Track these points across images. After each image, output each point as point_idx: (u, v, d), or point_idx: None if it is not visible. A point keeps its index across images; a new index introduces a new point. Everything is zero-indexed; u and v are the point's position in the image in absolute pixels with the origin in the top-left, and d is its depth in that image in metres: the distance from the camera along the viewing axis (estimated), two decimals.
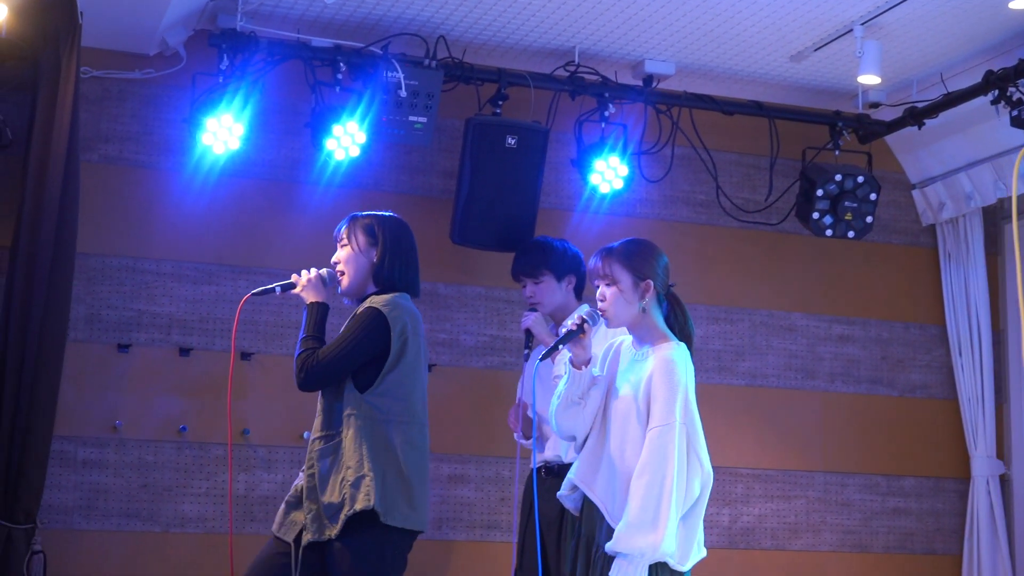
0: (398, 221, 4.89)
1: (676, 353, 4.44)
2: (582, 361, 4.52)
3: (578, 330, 4.50)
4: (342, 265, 4.82)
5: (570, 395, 4.54)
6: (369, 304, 4.68)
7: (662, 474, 4.25)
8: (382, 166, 7.09)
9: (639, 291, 4.50)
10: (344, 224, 4.87)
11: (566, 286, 5.90)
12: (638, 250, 4.56)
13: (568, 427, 4.56)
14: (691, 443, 4.36)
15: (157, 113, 6.77)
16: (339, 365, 4.61)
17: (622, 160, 6.98)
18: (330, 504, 4.57)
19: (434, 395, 6.62)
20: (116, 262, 6.69)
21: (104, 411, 6.58)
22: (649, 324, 4.53)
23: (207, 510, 6.69)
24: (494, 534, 7.08)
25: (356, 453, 4.58)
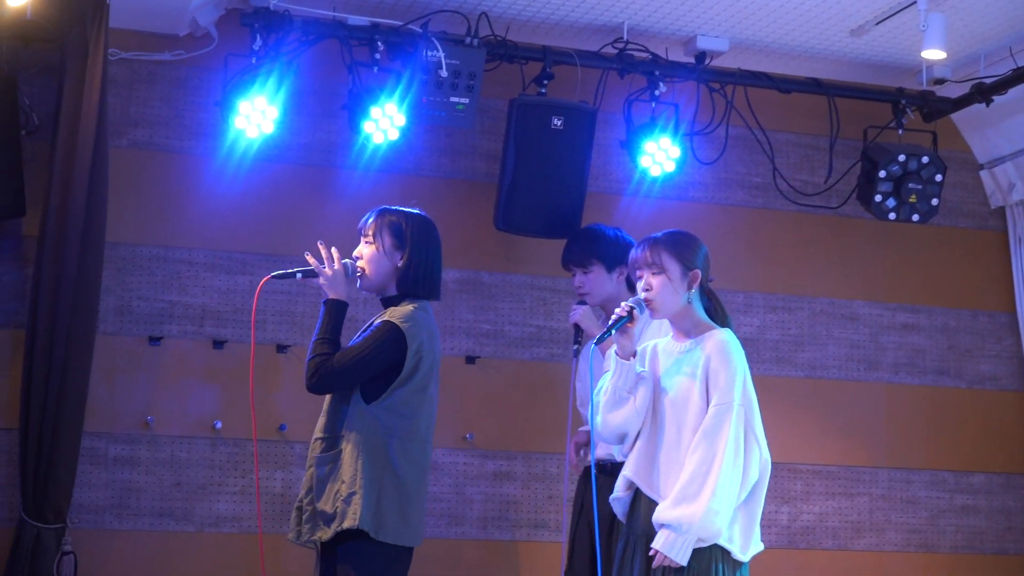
0: (426, 221, 4.93)
1: (729, 336, 4.52)
2: (628, 352, 4.57)
3: (628, 316, 4.54)
4: (364, 263, 4.86)
5: (619, 389, 4.57)
6: (389, 318, 4.73)
7: (713, 451, 4.33)
8: (422, 149, 7.10)
9: (687, 281, 4.58)
10: (371, 218, 4.89)
11: (617, 277, 5.89)
12: (685, 240, 4.65)
13: (618, 424, 4.59)
14: (749, 425, 4.42)
15: (188, 96, 6.79)
16: (351, 375, 4.69)
17: (674, 141, 6.96)
18: (323, 512, 4.68)
19: (477, 388, 7.01)
20: (147, 251, 6.71)
21: (135, 406, 6.60)
22: (693, 316, 4.60)
23: (243, 509, 6.71)
24: (541, 533, 7.09)
25: (352, 467, 4.66)
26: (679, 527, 4.33)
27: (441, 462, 6.99)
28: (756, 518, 4.48)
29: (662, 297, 4.57)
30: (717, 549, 4.41)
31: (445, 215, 6.81)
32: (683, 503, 4.34)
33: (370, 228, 4.88)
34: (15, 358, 6.42)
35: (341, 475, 4.66)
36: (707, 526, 4.32)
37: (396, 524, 4.66)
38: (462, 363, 7.06)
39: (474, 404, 7.04)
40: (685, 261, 4.59)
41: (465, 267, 7.09)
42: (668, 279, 4.56)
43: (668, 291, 4.57)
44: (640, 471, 4.56)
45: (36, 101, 6.50)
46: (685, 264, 4.59)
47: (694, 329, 4.59)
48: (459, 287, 7.11)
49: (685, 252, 4.60)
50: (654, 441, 4.55)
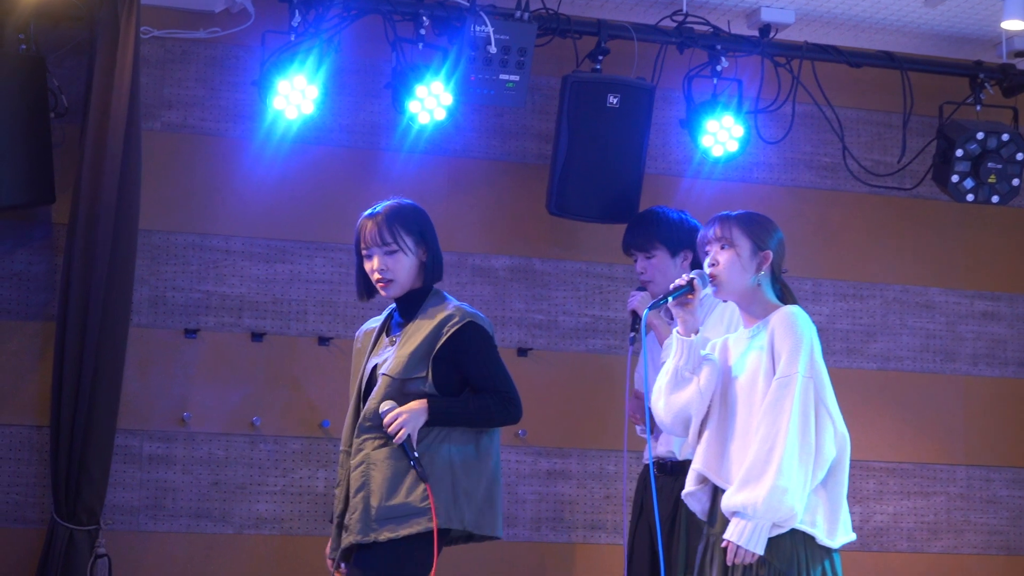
0: (423, 210, 5.00)
1: (797, 311, 4.47)
2: (691, 328, 4.55)
3: (687, 287, 4.52)
4: (393, 273, 4.87)
5: (680, 370, 4.55)
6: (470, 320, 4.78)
7: (776, 426, 4.28)
8: (471, 130, 7.09)
9: (756, 261, 4.56)
10: (378, 225, 4.89)
11: (681, 263, 5.84)
12: (761, 220, 4.65)
13: (680, 406, 4.55)
14: (819, 397, 4.37)
15: (224, 76, 6.80)
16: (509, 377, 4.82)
17: (737, 119, 6.94)
18: (403, 504, 4.65)
19: (530, 382, 6.89)
20: (181, 239, 6.72)
21: (171, 402, 6.62)
22: (762, 299, 4.58)
23: (284, 510, 6.73)
24: (598, 535, 7.08)
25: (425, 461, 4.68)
26: (745, 512, 4.28)
27: None
28: (841, 500, 4.41)
29: (728, 273, 4.55)
30: (798, 535, 4.34)
31: (495, 199, 7.11)
32: (748, 485, 4.29)
33: (386, 235, 4.87)
34: (45, 352, 6.46)
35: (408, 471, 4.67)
36: (776, 506, 4.24)
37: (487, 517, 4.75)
38: (513, 355, 7.04)
39: (526, 399, 6.49)
40: (757, 240, 4.58)
41: (516, 254, 7.10)
42: (737, 255, 4.55)
43: (736, 268, 4.55)
44: (710, 462, 4.52)
45: (65, 83, 6.51)
46: (757, 243, 4.58)
47: (762, 312, 4.56)
48: (510, 275, 7.11)
49: (758, 231, 4.60)
50: (724, 429, 4.51)
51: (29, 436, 6.47)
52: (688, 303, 4.55)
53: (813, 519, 4.35)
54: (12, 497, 6.44)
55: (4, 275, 6.51)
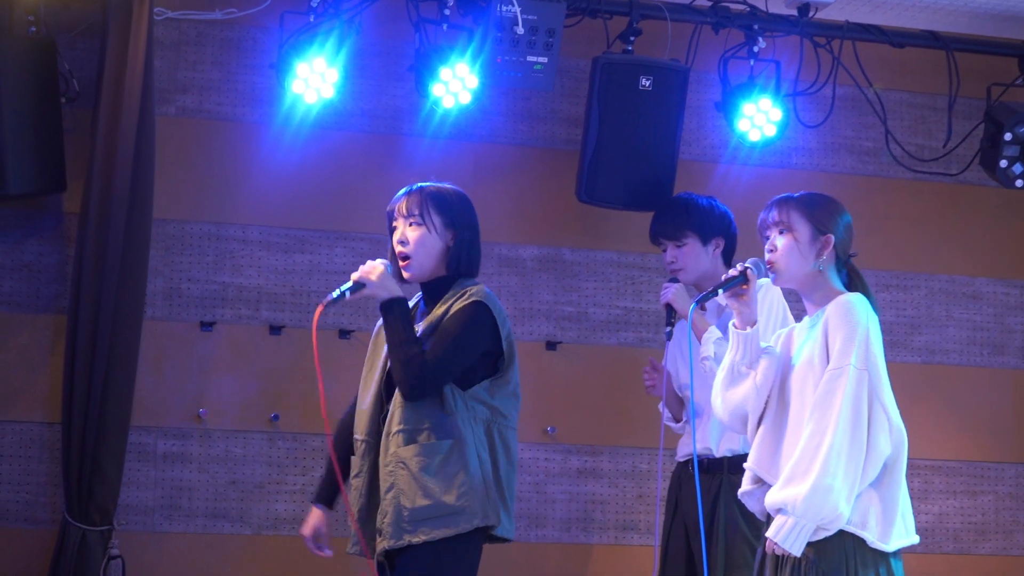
0: (463, 194, 4.92)
1: (854, 298, 4.37)
2: (747, 320, 4.46)
3: (740, 277, 4.44)
4: (411, 247, 4.80)
5: (737, 364, 4.46)
6: (474, 299, 4.70)
7: (825, 422, 4.20)
8: (497, 114, 7.08)
9: (817, 246, 4.45)
10: (412, 197, 4.85)
11: (713, 250, 5.80)
12: (822, 202, 4.54)
13: (737, 403, 4.47)
14: (874, 391, 4.27)
15: (241, 58, 6.80)
16: (452, 368, 4.66)
17: (775, 102, 6.93)
18: (438, 504, 4.60)
19: (559, 377, 7.04)
20: (197, 229, 6.73)
21: (186, 398, 6.64)
22: (824, 286, 4.47)
23: (304, 510, 6.45)
24: (631, 536, 7.07)
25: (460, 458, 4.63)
26: (786, 509, 4.21)
27: (520, 458, 6.73)
28: (897, 500, 4.30)
29: (786, 260, 4.45)
30: (848, 537, 4.25)
31: (522, 186, 7.12)
32: (792, 482, 4.21)
33: (414, 208, 4.82)
34: (56, 346, 6.47)
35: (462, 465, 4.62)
36: (819, 505, 4.15)
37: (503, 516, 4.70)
38: (541, 349, 7.06)
39: (555, 394, 7.05)
40: (817, 223, 4.47)
41: (545, 243, 7.10)
42: (795, 240, 4.45)
43: (794, 254, 4.45)
44: (762, 460, 4.43)
45: (77, 66, 6.53)
46: (817, 226, 4.46)
47: (823, 300, 4.45)
48: (538, 265, 7.10)
49: (819, 213, 4.49)
50: (779, 425, 4.43)
51: (40, 433, 6.49)
52: (743, 294, 4.46)
53: (864, 520, 4.25)
54: (22, 496, 6.46)
55: (14, 266, 6.52)
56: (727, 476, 5.53)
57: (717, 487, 5.58)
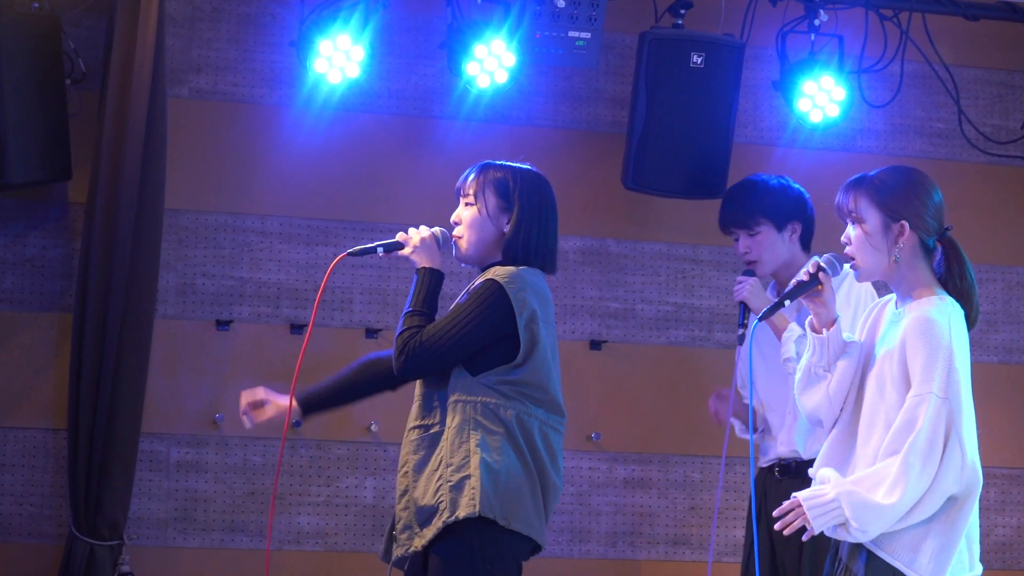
0: (537, 178, 4.82)
1: (937, 309, 4.22)
2: (825, 322, 4.34)
3: (811, 281, 4.31)
4: (463, 228, 4.75)
5: (812, 367, 4.37)
6: (490, 276, 4.62)
7: (899, 452, 4.10)
8: (536, 95, 7.08)
9: (890, 236, 4.28)
10: (472, 175, 4.79)
11: (789, 236, 5.71)
12: (897, 182, 4.32)
13: (811, 409, 4.41)
14: (953, 423, 4.15)
15: (259, 36, 6.83)
16: (449, 351, 4.55)
17: (837, 80, 6.89)
18: (422, 508, 4.54)
19: (604, 379, 7.03)
20: (212, 219, 6.74)
21: (201, 402, 6.66)
22: (909, 278, 4.31)
23: (328, 523, 6.74)
24: (682, 551, 7.06)
25: (462, 448, 4.52)
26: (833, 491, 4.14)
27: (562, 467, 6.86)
28: (958, 539, 4.19)
29: (860, 254, 4.31)
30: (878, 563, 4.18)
31: (564, 172, 6.86)
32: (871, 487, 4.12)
33: (471, 186, 4.77)
34: (62, 347, 6.49)
35: (445, 458, 4.54)
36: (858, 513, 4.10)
37: (529, 513, 4.54)
38: (585, 348, 7.05)
39: (600, 398, 7.06)
40: (888, 210, 4.27)
41: (588, 234, 7.09)
42: (864, 232, 4.30)
43: (866, 248, 4.29)
44: (830, 466, 4.34)
45: (83, 45, 6.54)
46: (889, 213, 4.27)
47: (910, 295, 4.33)
48: (581, 258, 7.09)
49: (890, 197, 4.27)
50: (851, 432, 4.34)
51: (44, 441, 6.50)
52: (818, 295, 4.35)
53: (913, 558, 4.16)
54: (26, 509, 6.47)
55: (16, 261, 6.52)
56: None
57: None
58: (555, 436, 4.64)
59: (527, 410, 4.57)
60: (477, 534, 4.47)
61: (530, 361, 4.58)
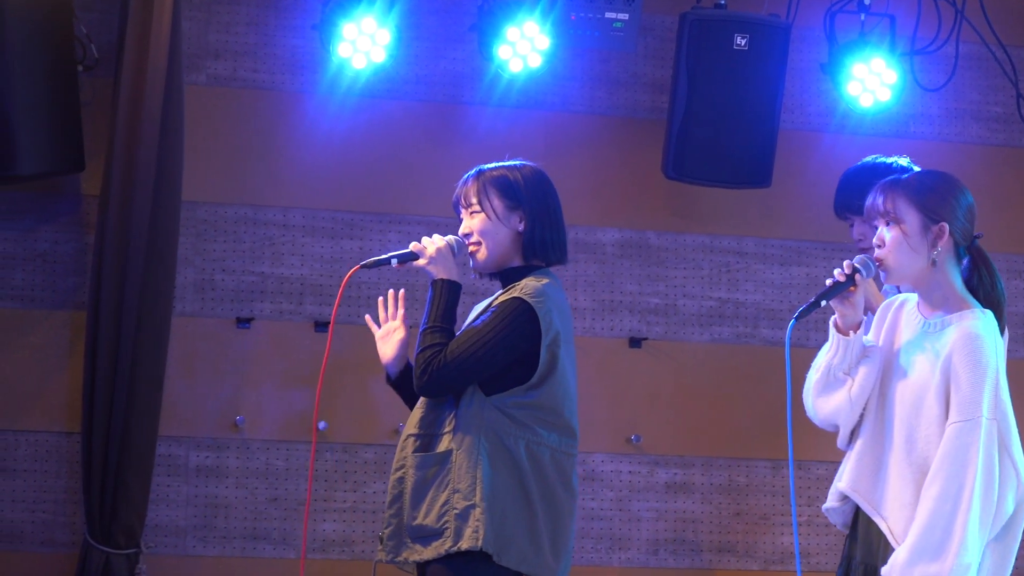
0: (535, 170, 4.84)
1: (983, 326, 4.25)
2: (850, 324, 4.36)
3: (847, 281, 4.33)
4: (476, 236, 4.75)
5: (832, 368, 4.38)
6: (517, 294, 4.63)
7: (959, 485, 4.13)
8: (571, 79, 7.07)
9: (929, 237, 4.31)
10: (469, 183, 4.80)
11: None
12: (934, 184, 4.38)
13: (827, 413, 4.42)
14: (1004, 444, 4.21)
15: (279, 19, 6.84)
16: (473, 369, 4.56)
17: (889, 63, 6.89)
18: (421, 526, 4.55)
19: (644, 379, 7.03)
20: (232, 212, 6.75)
21: (221, 404, 6.68)
22: (943, 284, 4.34)
23: (355, 530, 6.74)
24: (727, 559, 7.07)
25: (470, 474, 4.54)
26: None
27: (600, 471, 6.97)
28: (1012, 553, 4.28)
29: (896, 255, 4.33)
30: None
31: (601, 161, 7.08)
32: (924, 559, 4.14)
33: (472, 194, 4.78)
34: (75, 346, 6.49)
35: (453, 483, 4.57)
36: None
37: (524, 548, 4.56)
38: (624, 346, 7.03)
39: (640, 398, 7.05)
40: (928, 211, 4.31)
41: (627, 226, 7.08)
42: (903, 232, 4.33)
43: (903, 248, 4.32)
44: (860, 483, 4.37)
45: (95, 30, 6.53)
46: (929, 214, 4.31)
47: (942, 302, 4.36)
48: (620, 251, 7.07)
49: (930, 199, 4.33)
50: (879, 443, 4.36)
51: (57, 444, 6.50)
52: (849, 297, 4.38)
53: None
54: (39, 516, 6.47)
55: (26, 256, 6.52)
56: None
57: None
58: (568, 461, 4.65)
59: (537, 438, 4.58)
60: (474, 567, 4.51)
61: (547, 384, 4.60)
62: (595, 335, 6.85)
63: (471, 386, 4.60)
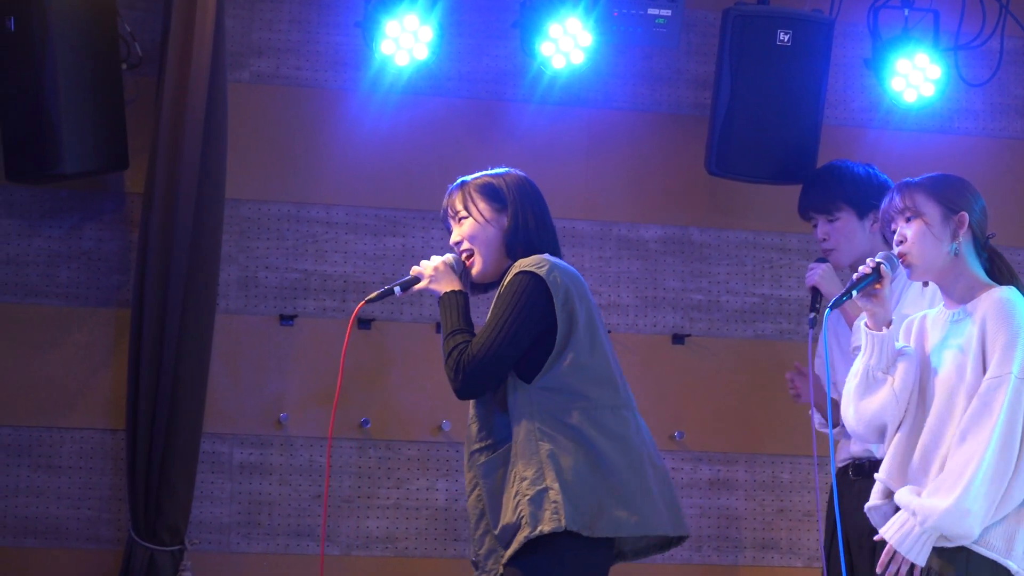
0: (520, 177, 4.85)
1: (1012, 293, 4.35)
2: (881, 321, 4.44)
3: (874, 274, 4.41)
4: (467, 244, 4.78)
5: (871, 369, 4.45)
6: (517, 270, 4.63)
7: (978, 437, 4.21)
8: (614, 76, 7.05)
9: (951, 226, 4.42)
10: (453, 193, 4.84)
11: (870, 225, 5.72)
12: (948, 180, 4.51)
13: (873, 413, 4.46)
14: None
15: (322, 16, 6.85)
16: (503, 354, 4.56)
17: (933, 58, 6.87)
18: (504, 527, 4.55)
19: (687, 375, 7.04)
20: (275, 210, 6.77)
21: (265, 401, 6.69)
22: (966, 273, 4.43)
23: (399, 527, 6.76)
24: (771, 556, 7.04)
25: (533, 460, 4.53)
26: (916, 517, 4.24)
27: None
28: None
29: (920, 248, 4.42)
30: (984, 563, 4.27)
31: (644, 157, 7.08)
32: (931, 493, 4.23)
33: (457, 203, 4.81)
34: (119, 344, 6.52)
35: (519, 473, 4.56)
36: (951, 525, 4.21)
37: (616, 513, 4.53)
38: (667, 343, 7.04)
39: (683, 394, 7.05)
40: (947, 202, 4.43)
41: (670, 222, 7.09)
42: (925, 223, 4.42)
43: (927, 240, 4.41)
44: (894, 471, 4.43)
45: (139, 28, 6.57)
46: (947, 204, 4.43)
47: (967, 292, 4.43)
48: (662, 247, 7.08)
49: (948, 192, 4.45)
50: (916, 434, 4.42)
51: (102, 442, 6.54)
52: (875, 293, 4.44)
53: (1009, 547, 4.26)
54: (83, 513, 6.51)
55: (71, 254, 6.56)
56: None
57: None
58: (630, 413, 4.63)
59: (592, 403, 4.57)
60: (561, 548, 4.49)
61: (572, 342, 4.58)
62: (638, 331, 6.88)
63: (513, 381, 4.58)
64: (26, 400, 6.48)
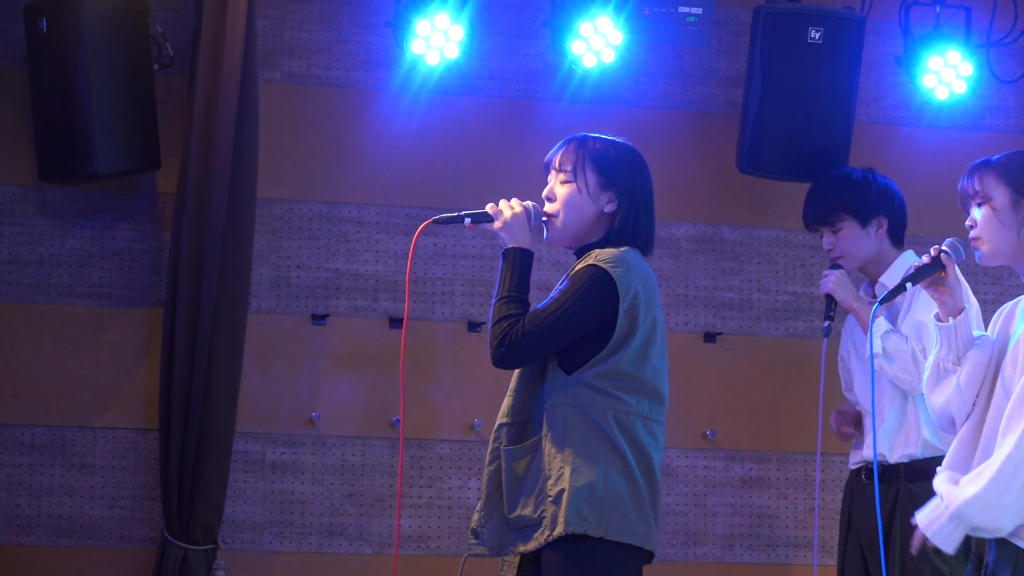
0: (634, 153, 4.71)
1: None
2: (951, 311, 4.31)
3: (932, 265, 4.31)
4: (558, 204, 4.64)
5: (941, 361, 4.34)
6: (592, 261, 4.54)
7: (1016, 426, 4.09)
8: (644, 74, 7.06)
9: (1019, 212, 4.28)
10: (567, 148, 4.70)
11: (875, 231, 5.77)
12: (1022, 160, 4.35)
13: (941, 404, 4.38)
14: None
15: (354, 16, 6.85)
16: (550, 339, 4.49)
17: (965, 55, 6.87)
18: (520, 517, 4.53)
19: (719, 373, 7.05)
20: (307, 209, 6.78)
21: (297, 400, 6.70)
22: None
23: (430, 526, 6.78)
24: (802, 555, 7.04)
25: (559, 457, 4.50)
26: (946, 505, 4.16)
27: (675, 466, 6.96)
28: None
29: (987, 233, 4.30)
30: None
31: (675, 155, 7.06)
32: (967, 484, 4.14)
33: (567, 160, 4.66)
34: (152, 343, 6.58)
35: (544, 469, 4.51)
36: (979, 514, 4.12)
37: (632, 520, 4.50)
38: (699, 341, 7.06)
39: (715, 393, 7.05)
40: (1018, 184, 4.28)
41: (701, 220, 7.10)
42: (993, 210, 4.29)
43: (994, 226, 4.29)
44: (956, 463, 4.32)
45: (170, 28, 6.61)
46: (1017, 188, 4.28)
47: None
48: (694, 246, 7.09)
49: (1018, 173, 4.29)
50: (979, 425, 4.32)
51: (135, 441, 6.59)
52: (941, 283, 4.32)
53: None
54: (117, 512, 6.56)
55: (104, 254, 6.61)
56: (904, 484, 5.57)
57: (894, 498, 5.59)
58: (660, 429, 4.58)
59: (625, 407, 4.51)
60: (581, 550, 4.47)
61: (624, 347, 4.51)
62: (670, 330, 6.70)
63: (552, 366, 4.51)
64: (59, 400, 6.50)
